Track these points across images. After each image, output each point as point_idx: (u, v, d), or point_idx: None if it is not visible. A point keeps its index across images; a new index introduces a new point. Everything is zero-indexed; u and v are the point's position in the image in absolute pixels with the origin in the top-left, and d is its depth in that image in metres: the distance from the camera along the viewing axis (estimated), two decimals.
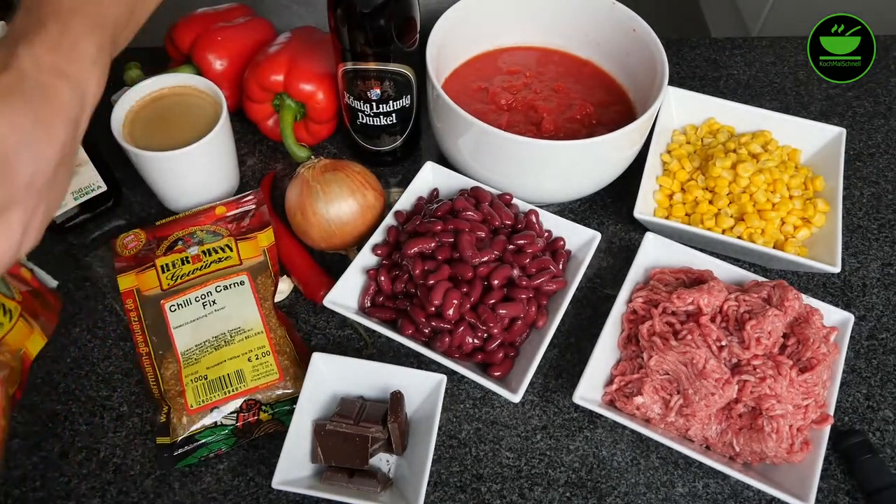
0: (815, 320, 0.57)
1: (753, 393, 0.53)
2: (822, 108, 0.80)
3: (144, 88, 0.64)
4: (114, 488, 0.54)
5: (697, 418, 0.54)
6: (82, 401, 0.58)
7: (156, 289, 0.60)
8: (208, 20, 0.72)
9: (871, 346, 0.63)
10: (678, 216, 0.67)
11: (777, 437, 0.52)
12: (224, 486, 0.54)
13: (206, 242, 0.62)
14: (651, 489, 0.55)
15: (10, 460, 0.55)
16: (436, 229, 0.58)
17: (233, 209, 0.65)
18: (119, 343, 0.61)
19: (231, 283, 0.60)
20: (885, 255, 0.68)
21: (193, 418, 0.54)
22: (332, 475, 0.52)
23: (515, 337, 0.57)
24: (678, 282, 0.61)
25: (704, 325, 0.55)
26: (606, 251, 0.68)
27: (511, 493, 0.55)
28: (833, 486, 0.55)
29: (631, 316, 0.59)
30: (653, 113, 0.62)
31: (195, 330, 0.57)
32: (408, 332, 0.57)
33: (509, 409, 0.59)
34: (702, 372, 0.53)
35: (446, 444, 0.57)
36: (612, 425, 0.58)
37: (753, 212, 0.65)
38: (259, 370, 0.56)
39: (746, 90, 0.82)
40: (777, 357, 0.54)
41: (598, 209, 0.71)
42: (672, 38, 0.80)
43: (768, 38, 0.88)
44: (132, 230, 0.63)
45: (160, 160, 0.61)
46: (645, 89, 0.67)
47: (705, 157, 0.68)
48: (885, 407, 0.59)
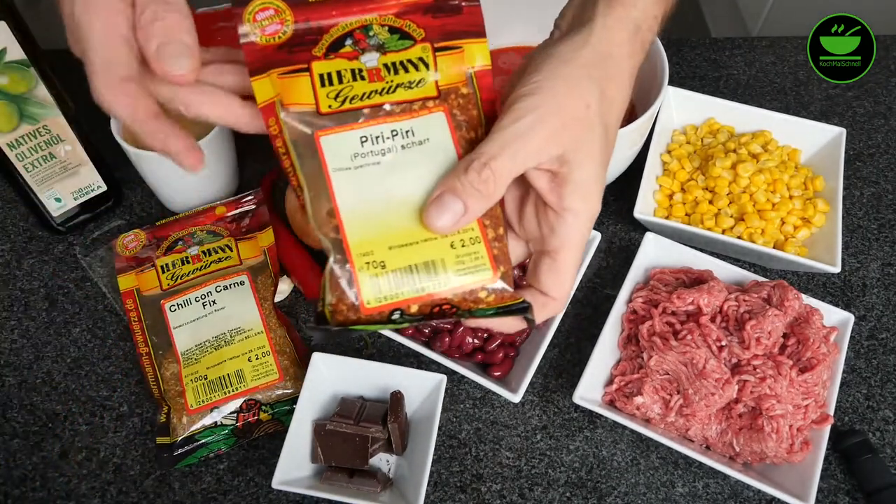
0: (815, 320, 0.57)
1: (753, 393, 0.53)
2: (822, 108, 0.80)
3: None
4: (114, 488, 0.54)
5: (697, 418, 0.54)
6: (82, 401, 0.58)
7: (156, 289, 0.60)
8: (208, 20, 0.72)
9: (871, 346, 0.63)
10: (678, 216, 0.67)
11: (777, 437, 0.52)
12: (224, 486, 0.54)
13: (206, 242, 0.62)
14: (651, 489, 0.55)
15: (10, 460, 0.55)
16: None
17: (233, 209, 0.65)
18: (119, 343, 0.61)
19: (231, 283, 0.60)
20: (885, 255, 0.68)
21: (193, 418, 0.54)
22: (332, 475, 0.52)
23: (515, 337, 0.57)
24: (678, 282, 0.61)
25: (704, 325, 0.55)
26: (606, 251, 0.68)
27: (511, 493, 0.55)
28: (833, 486, 0.55)
29: (631, 316, 0.59)
30: (653, 113, 0.62)
31: (195, 330, 0.57)
32: (408, 332, 0.57)
33: (509, 409, 0.59)
34: (702, 372, 0.53)
35: (446, 444, 0.57)
36: (612, 425, 0.58)
37: (753, 212, 0.65)
38: (259, 370, 0.56)
39: (746, 90, 0.82)
40: (777, 357, 0.54)
41: None
42: (672, 38, 0.80)
43: (768, 38, 0.88)
44: (132, 230, 0.63)
45: (160, 160, 0.61)
46: (645, 89, 0.67)
47: (705, 157, 0.68)
48: (885, 407, 0.59)
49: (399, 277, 0.34)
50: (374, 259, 0.34)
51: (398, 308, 0.34)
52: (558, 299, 0.38)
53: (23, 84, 0.56)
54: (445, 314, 0.35)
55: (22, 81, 0.56)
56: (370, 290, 0.34)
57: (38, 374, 0.60)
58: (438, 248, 0.35)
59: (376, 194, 0.35)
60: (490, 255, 0.35)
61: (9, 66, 0.55)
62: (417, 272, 0.34)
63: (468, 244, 0.35)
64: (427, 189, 0.35)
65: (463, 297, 0.35)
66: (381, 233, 0.34)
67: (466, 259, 0.35)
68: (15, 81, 0.56)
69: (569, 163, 0.35)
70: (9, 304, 0.64)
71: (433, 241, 0.35)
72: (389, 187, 0.35)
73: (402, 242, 0.34)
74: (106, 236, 0.67)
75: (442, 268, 0.35)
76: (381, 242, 0.34)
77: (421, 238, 0.35)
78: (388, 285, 0.34)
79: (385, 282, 0.34)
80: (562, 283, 0.38)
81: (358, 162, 0.35)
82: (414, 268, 0.34)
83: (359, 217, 0.34)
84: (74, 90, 0.61)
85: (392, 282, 0.34)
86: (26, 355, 0.61)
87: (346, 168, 0.35)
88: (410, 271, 0.34)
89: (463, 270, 0.35)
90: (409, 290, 0.34)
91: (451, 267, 0.35)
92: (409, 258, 0.34)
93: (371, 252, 0.34)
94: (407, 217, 0.35)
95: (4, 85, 0.55)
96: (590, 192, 0.36)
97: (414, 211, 0.35)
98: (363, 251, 0.34)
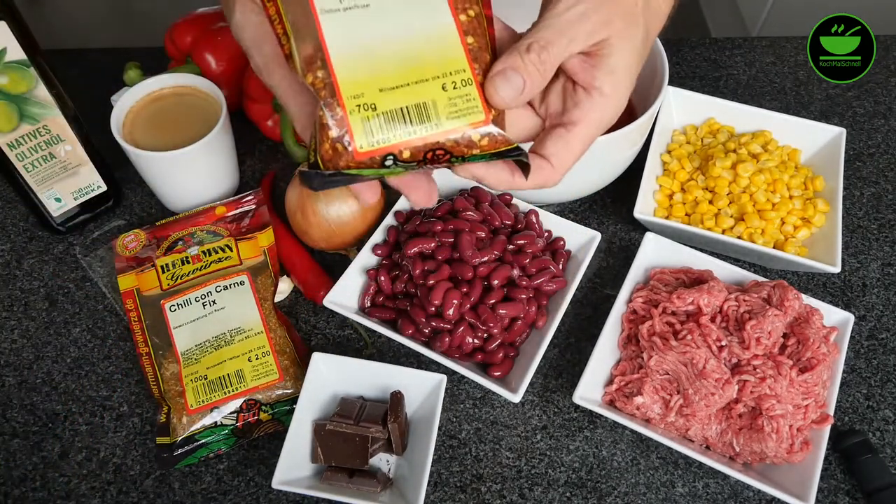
0: (815, 320, 0.57)
1: (753, 393, 0.53)
2: (822, 108, 0.80)
3: (144, 88, 0.64)
4: (114, 488, 0.54)
5: (697, 418, 0.54)
6: (82, 401, 0.58)
7: (156, 289, 0.60)
8: (208, 20, 0.72)
9: (871, 346, 0.63)
10: (678, 216, 0.67)
11: (777, 437, 0.52)
12: (224, 486, 0.54)
13: (206, 242, 0.62)
14: (651, 489, 0.55)
15: (10, 460, 0.55)
16: (436, 229, 0.58)
17: (233, 209, 0.65)
18: (119, 343, 0.61)
19: (231, 283, 0.60)
20: (885, 255, 0.68)
21: (193, 418, 0.54)
22: (332, 475, 0.52)
23: (515, 337, 0.57)
24: (678, 282, 0.61)
25: (704, 325, 0.55)
26: (606, 251, 0.68)
27: (511, 493, 0.55)
28: (833, 486, 0.55)
29: (631, 316, 0.59)
30: (653, 113, 0.62)
31: (195, 330, 0.57)
32: (408, 332, 0.57)
33: (509, 409, 0.59)
34: (702, 372, 0.53)
35: (446, 444, 0.57)
36: (612, 425, 0.58)
37: (753, 212, 0.65)
38: (259, 370, 0.56)
39: (746, 90, 0.82)
40: (777, 357, 0.54)
41: (598, 209, 0.71)
42: (672, 38, 0.80)
43: (768, 38, 0.88)
44: (132, 230, 0.63)
45: (160, 160, 0.61)
46: (645, 89, 0.67)
47: (705, 157, 0.68)
48: (885, 407, 0.59)
49: (391, 120, 0.34)
50: (366, 101, 0.34)
51: (390, 153, 0.34)
52: (556, 168, 0.39)
53: (23, 84, 0.56)
54: (439, 159, 0.35)
55: (22, 81, 0.56)
56: (362, 133, 0.34)
57: (38, 374, 0.60)
58: (430, 90, 0.34)
59: (365, 36, 0.34)
60: (482, 98, 0.35)
61: (9, 66, 0.55)
62: (409, 115, 0.34)
63: (460, 86, 0.35)
64: (417, 31, 0.35)
65: (456, 141, 0.35)
66: (372, 75, 0.34)
67: (458, 101, 0.35)
68: (15, 81, 0.56)
69: (610, 46, 0.37)
70: (9, 304, 0.64)
71: (424, 84, 0.34)
72: (379, 29, 0.35)
73: (392, 85, 0.34)
74: (106, 236, 0.67)
75: (434, 110, 0.34)
76: (372, 84, 0.34)
77: (412, 80, 0.34)
78: (379, 128, 0.34)
79: (376, 125, 0.34)
80: (567, 153, 0.39)
81: (346, 3, 0.35)
82: (405, 110, 0.34)
83: (348, 59, 0.34)
84: (74, 90, 0.61)
85: (384, 124, 0.34)
86: (26, 355, 0.61)
87: (334, 10, 0.34)
88: (402, 114, 0.34)
89: (455, 113, 0.35)
90: (401, 133, 0.34)
91: (443, 110, 0.34)
92: (401, 100, 0.34)
93: (362, 94, 0.34)
94: (397, 59, 0.34)
95: (4, 85, 0.55)
96: (621, 81, 0.38)
97: (404, 52, 0.34)
98: (354, 93, 0.34)
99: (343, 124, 0.34)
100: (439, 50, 0.35)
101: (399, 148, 0.34)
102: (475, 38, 0.36)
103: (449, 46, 0.35)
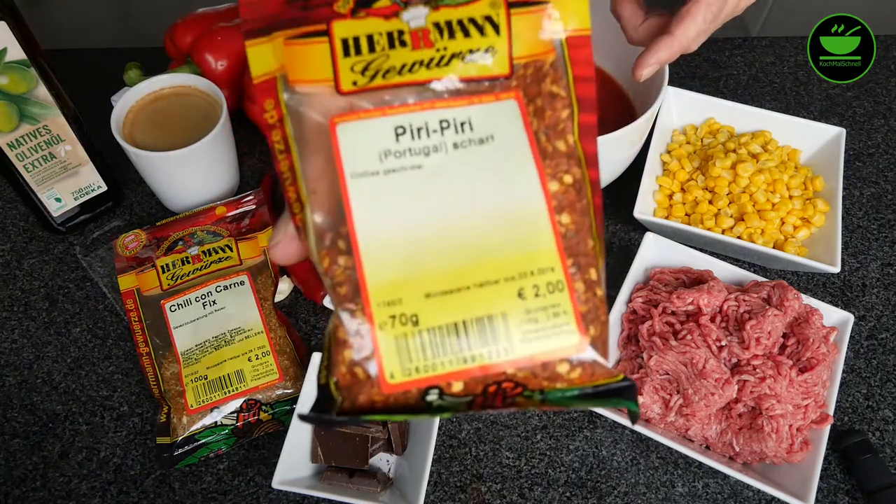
0: (814, 320, 0.57)
1: (753, 393, 0.53)
2: (822, 108, 0.80)
3: (144, 88, 0.64)
4: (114, 488, 0.54)
5: (697, 418, 0.54)
6: (82, 401, 0.58)
7: (156, 289, 0.60)
8: (208, 20, 0.72)
9: (871, 346, 0.63)
10: (678, 216, 0.67)
11: (777, 437, 0.52)
12: (224, 486, 0.54)
13: (207, 242, 0.62)
14: (651, 489, 0.55)
15: (10, 460, 0.55)
16: None
17: (233, 209, 0.65)
18: (119, 343, 0.61)
19: (231, 283, 0.60)
20: (885, 255, 0.68)
21: (193, 418, 0.54)
22: (332, 475, 0.52)
23: None
24: (678, 282, 0.61)
25: (704, 325, 0.55)
26: (606, 251, 0.68)
27: (511, 493, 0.55)
28: (833, 486, 0.55)
29: (631, 316, 0.59)
30: (653, 113, 0.62)
31: (195, 330, 0.57)
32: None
33: None
34: (702, 372, 0.53)
35: (446, 444, 0.57)
36: (612, 425, 0.58)
37: (753, 212, 0.65)
38: (259, 370, 0.56)
39: (746, 90, 0.82)
40: (777, 357, 0.54)
41: None
42: None
43: (768, 38, 0.88)
44: (132, 230, 0.63)
45: (160, 160, 0.61)
46: (645, 89, 0.67)
47: (705, 157, 0.68)
48: (885, 407, 0.59)
49: (438, 339, 0.24)
50: (404, 312, 0.24)
51: (435, 385, 0.24)
52: (676, 35, 0.45)
53: (23, 84, 0.56)
54: (505, 395, 0.24)
55: (22, 81, 0.56)
56: (395, 357, 0.24)
57: (38, 374, 0.60)
58: (499, 297, 0.24)
59: (412, 214, 0.24)
60: (576, 311, 0.25)
61: (9, 66, 0.55)
62: (466, 332, 0.24)
63: (544, 292, 0.24)
64: (487, 207, 0.25)
65: (532, 371, 0.24)
66: (416, 272, 0.24)
67: (541, 315, 0.24)
68: (15, 81, 0.56)
69: None
70: (9, 304, 0.64)
71: (491, 287, 0.24)
72: (432, 204, 0.24)
73: (444, 288, 0.24)
74: (106, 236, 0.67)
75: (503, 327, 0.24)
76: (415, 286, 0.24)
77: (474, 281, 0.24)
78: (421, 351, 0.24)
79: (417, 345, 0.24)
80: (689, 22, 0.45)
81: (389, 164, 0.25)
82: (461, 326, 0.24)
83: (384, 247, 0.24)
84: (74, 90, 0.62)
85: (428, 346, 0.24)
86: (26, 355, 0.61)
87: (370, 173, 0.25)
88: (456, 331, 0.24)
89: (535, 332, 0.24)
90: (453, 359, 0.24)
91: (518, 327, 0.24)
92: (455, 311, 0.24)
93: (399, 300, 0.24)
94: (454, 249, 0.24)
95: (4, 85, 0.55)
96: None
97: (464, 239, 0.24)
98: (388, 298, 0.24)
99: (368, 342, 0.24)
100: (518, 237, 0.25)
101: (448, 379, 0.24)
102: (572, 217, 0.25)
103: (532, 232, 0.25)
